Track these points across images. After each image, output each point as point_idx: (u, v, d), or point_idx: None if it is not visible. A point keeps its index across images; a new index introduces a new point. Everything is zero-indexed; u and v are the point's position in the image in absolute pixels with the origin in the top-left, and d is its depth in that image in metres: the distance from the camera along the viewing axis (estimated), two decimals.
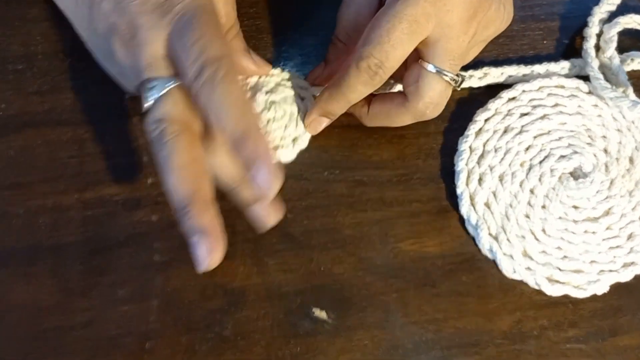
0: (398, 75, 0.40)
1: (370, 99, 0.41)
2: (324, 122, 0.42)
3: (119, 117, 0.42)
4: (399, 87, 0.44)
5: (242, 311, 0.39)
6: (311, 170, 0.42)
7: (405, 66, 0.40)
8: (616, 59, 0.45)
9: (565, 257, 0.41)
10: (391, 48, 0.37)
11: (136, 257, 0.39)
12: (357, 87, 0.39)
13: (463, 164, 0.43)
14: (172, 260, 0.39)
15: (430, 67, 0.39)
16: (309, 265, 0.40)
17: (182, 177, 0.32)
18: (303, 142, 0.43)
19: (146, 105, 0.34)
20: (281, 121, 0.43)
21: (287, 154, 0.42)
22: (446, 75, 0.39)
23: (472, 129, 0.44)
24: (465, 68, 0.44)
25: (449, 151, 0.44)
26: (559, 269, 0.40)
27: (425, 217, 0.42)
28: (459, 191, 0.42)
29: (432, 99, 0.39)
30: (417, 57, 0.39)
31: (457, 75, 0.39)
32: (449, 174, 0.43)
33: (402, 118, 0.41)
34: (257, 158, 0.31)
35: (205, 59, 0.32)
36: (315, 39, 0.46)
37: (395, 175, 0.43)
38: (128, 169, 0.41)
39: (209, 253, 0.32)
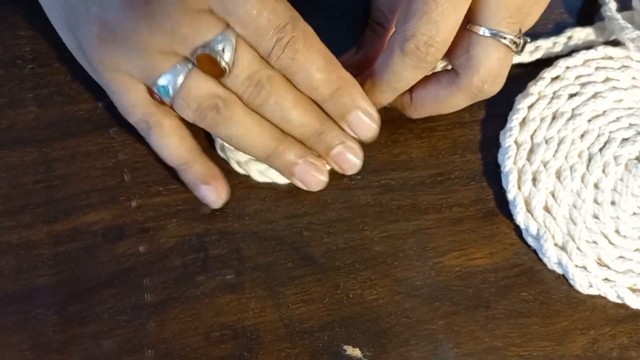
0: None
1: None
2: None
3: (92, 130, 0.36)
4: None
5: (257, 356, 0.33)
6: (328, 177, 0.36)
7: None
8: None
9: None
10: (441, 17, 0.30)
11: (123, 299, 0.33)
12: (403, 75, 0.32)
13: (511, 162, 0.36)
14: (168, 298, 0.33)
15: (482, 31, 0.32)
16: (335, 293, 0.34)
17: (306, 103, 0.33)
18: None
19: (229, 67, 0.31)
20: None
21: None
22: (504, 38, 0.32)
23: (515, 119, 0.38)
24: None
25: (490, 143, 0.38)
26: None
27: (469, 223, 0.36)
28: (510, 196, 0.36)
29: (489, 69, 0.32)
30: (465, 22, 0.32)
31: (517, 36, 0.32)
32: (492, 170, 0.37)
33: (454, 100, 0.34)
34: (350, 109, 0.33)
35: (275, 32, 0.31)
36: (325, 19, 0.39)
37: (428, 175, 0.37)
38: (107, 191, 0.35)
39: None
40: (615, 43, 0.40)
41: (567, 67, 0.39)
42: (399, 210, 0.36)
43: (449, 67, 0.34)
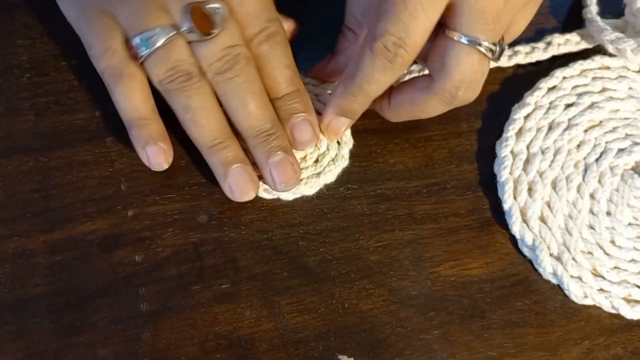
0: (422, 55, 0.33)
1: (390, 88, 0.35)
2: (344, 124, 0.36)
3: (89, 139, 0.36)
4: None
5: None
6: (324, 186, 0.36)
7: (430, 44, 0.33)
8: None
9: None
10: (410, 18, 0.31)
11: (118, 309, 0.33)
12: (374, 76, 0.33)
13: (507, 172, 0.36)
14: (163, 308, 0.33)
15: (458, 37, 0.32)
16: (330, 303, 0.34)
17: (264, 101, 0.34)
18: (331, 173, 0.36)
19: (215, 28, 0.33)
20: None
21: (307, 189, 0.36)
22: (479, 45, 0.32)
23: (511, 129, 0.38)
24: None
25: (486, 153, 0.38)
26: (638, 287, 0.34)
27: (464, 233, 0.36)
28: (506, 206, 0.35)
29: (463, 75, 0.32)
30: (443, 29, 0.33)
31: (493, 44, 0.32)
32: (488, 180, 0.37)
33: (430, 104, 0.34)
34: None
35: (266, 20, 0.34)
36: (313, 24, 0.39)
37: (424, 185, 0.37)
38: (103, 200, 0.35)
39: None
40: (612, 54, 0.40)
41: (564, 77, 0.39)
42: (395, 220, 0.36)
43: (426, 72, 0.34)
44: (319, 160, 0.36)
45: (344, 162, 0.36)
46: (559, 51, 0.40)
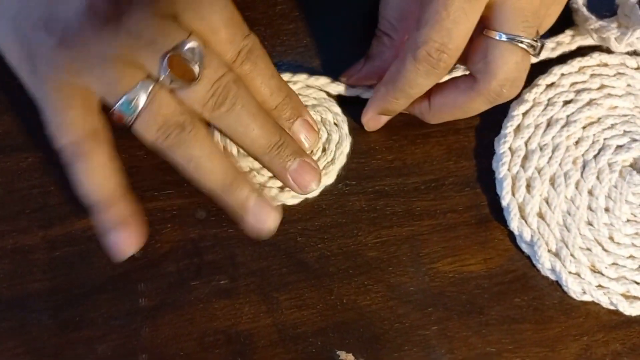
0: (461, 56, 0.33)
1: (429, 91, 0.35)
2: (383, 120, 0.37)
3: None
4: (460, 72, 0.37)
5: None
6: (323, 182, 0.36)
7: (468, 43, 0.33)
8: None
9: None
10: (453, 24, 0.30)
11: (117, 304, 0.33)
12: (417, 81, 0.33)
13: (505, 169, 0.36)
14: (162, 303, 0.33)
15: (499, 36, 0.32)
16: (329, 298, 0.34)
17: (267, 117, 0.33)
18: (330, 175, 0.36)
19: (200, 70, 0.30)
20: None
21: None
22: (521, 42, 0.32)
23: (510, 126, 0.37)
24: None
25: (485, 150, 0.38)
26: (636, 283, 0.34)
27: (463, 229, 0.36)
28: (504, 203, 0.35)
29: (507, 74, 0.32)
30: (481, 28, 0.32)
31: (534, 40, 0.32)
32: (487, 177, 0.37)
33: (474, 105, 0.34)
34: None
35: (241, 39, 0.32)
36: (341, 28, 0.39)
37: (423, 182, 0.37)
38: None
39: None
40: (610, 51, 0.40)
41: (562, 74, 0.39)
42: (393, 216, 0.36)
43: (467, 72, 0.34)
44: (326, 149, 0.36)
45: (348, 140, 0.37)
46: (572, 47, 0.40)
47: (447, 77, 0.36)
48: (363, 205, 0.36)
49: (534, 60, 0.36)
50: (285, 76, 0.37)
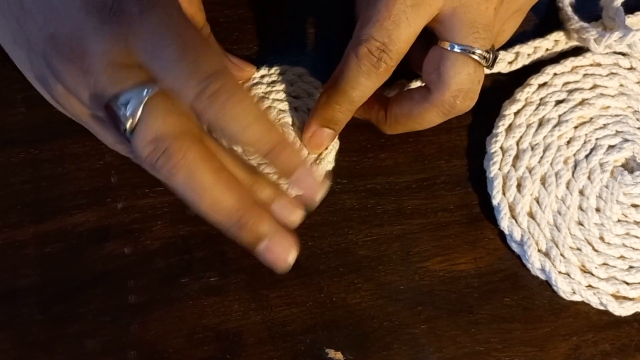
0: (416, 65, 0.33)
1: (386, 101, 0.35)
2: (327, 135, 0.34)
3: (80, 132, 0.35)
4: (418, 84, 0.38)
5: (240, 359, 0.33)
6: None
7: (425, 53, 0.33)
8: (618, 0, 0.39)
9: (631, 267, 0.34)
10: (393, 26, 0.31)
11: (107, 300, 0.33)
12: (359, 81, 0.32)
13: (496, 168, 0.36)
14: (151, 300, 0.33)
15: (451, 46, 0.32)
16: (318, 296, 0.34)
17: (219, 194, 0.27)
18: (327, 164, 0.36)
19: (128, 125, 0.27)
20: None
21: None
22: (473, 53, 0.32)
23: (501, 125, 0.37)
24: None
25: (476, 149, 0.38)
26: (626, 283, 0.34)
27: (453, 228, 0.36)
28: (495, 202, 0.36)
29: (460, 85, 0.32)
30: (435, 40, 0.33)
31: (486, 51, 0.32)
32: (478, 176, 0.37)
33: (428, 117, 0.34)
34: (295, 167, 0.28)
35: (202, 77, 0.26)
36: (313, 24, 0.39)
37: (414, 180, 0.37)
38: (93, 193, 0.35)
39: (289, 248, 0.28)
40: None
41: (555, 74, 0.39)
42: (384, 215, 0.36)
43: (423, 84, 0.34)
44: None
45: (329, 165, 0.36)
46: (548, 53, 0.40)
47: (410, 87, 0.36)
48: (354, 204, 0.36)
49: (488, 71, 0.36)
50: (282, 68, 0.37)
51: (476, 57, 0.32)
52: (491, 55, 0.33)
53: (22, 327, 0.32)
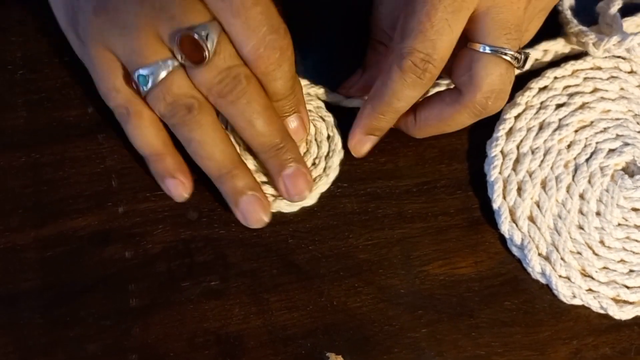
0: (445, 68, 0.33)
1: (414, 104, 0.34)
2: (370, 142, 0.36)
3: (81, 135, 0.36)
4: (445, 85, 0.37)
5: None
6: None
7: (452, 55, 0.33)
8: (615, 7, 0.39)
9: (631, 271, 0.34)
10: (436, 35, 0.31)
11: (108, 304, 0.33)
12: (404, 93, 0.32)
13: (496, 172, 0.36)
14: (152, 304, 0.33)
15: (483, 48, 0.32)
16: (319, 300, 0.34)
17: (270, 116, 0.33)
18: (324, 184, 0.36)
19: (211, 52, 0.31)
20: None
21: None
22: (505, 54, 0.32)
23: (502, 129, 0.37)
24: None
25: (477, 152, 0.38)
26: (626, 287, 0.34)
27: (454, 232, 0.36)
28: (495, 206, 0.35)
29: (492, 85, 0.32)
30: (465, 40, 0.33)
31: (518, 52, 0.32)
32: (479, 180, 0.37)
33: (459, 118, 0.34)
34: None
35: (269, 31, 0.31)
36: (332, 32, 0.39)
37: (414, 184, 0.37)
38: (94, 197, 0.35)
39: (299, 177, 0.34)
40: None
41: (555, 78, 0.39)
42: (385, 219, 0.36)
43: (452, 86, 0.34)
44: (316, 163, 0.36)
45: (341, 153, 0.36)
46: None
47: (433, 91, 0.36)
48: (355, 208, 0.36)
49: (518, 72, 0.36)
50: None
51: (508, 58, 0.32)
52: (522, 56, 0.32)
53: (23, 331, 0.32)
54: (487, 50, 0.32)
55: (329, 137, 0.37)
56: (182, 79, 0.32)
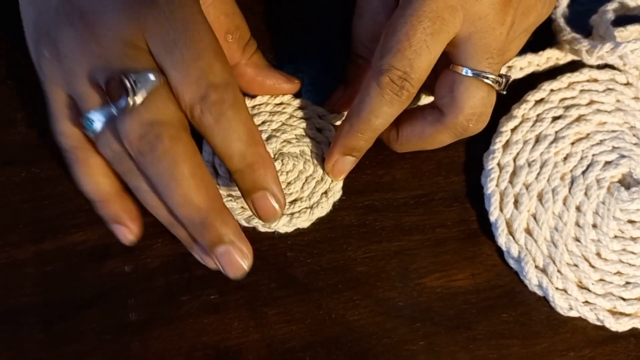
0: (427, 86, 0.34)
1: (398, 120, 0.34)
2: (349, 163, 0.35)
3: None
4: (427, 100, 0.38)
5: None
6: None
7: (435, 74, 0.33)
8: (607, 16, 0.39)
9: (627, 283, 0.34)
10: (414, 54, 0.31)
11: (108, 319, 0.33)
12: (382, 110, 0.32)
13: (493, 185, 0.36)
14: (151, 318, 0.34)
15: (465, 71, 0.32)
16: (317, 313, 0.34)
17: (194, 189, 0.29)
18: (323, 206, 0.36)
19: (131, 101, 0.29)
20: (290, 176, 0.36)
21: (300, 222, 0.35)
22: (487, 78, 0.32)
23: (498, 142, 0.38)
24: None
25: (474, 165, 0.38)
26: (623, 299, 0.34)
27: (451, 244, 0.36)
28: (492, 218, 0.36)
29: (473, 108, 0.32)
30: (447, 61, 0.33)
31: (499, 75, 0.33)
32: (476, 192, 0.38)
33: (439, 138, 0.34)
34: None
35: (207, 86, 0.29)
36: (325, 48, 0.40)
37: (412, 197, 0.37)
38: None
39: (246, 256, 0.31)
40: (600, 67, 0.40)
41: (552, 90, 0.39)
42: (382, 231, 0.36)
43: (433, 106, 0.34)
44: (313, 193, 0.36)
45: (337, 195, 0.36)
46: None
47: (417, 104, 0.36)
48: (352, 220, 0.36)
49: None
50: (286, 98, 0.37)
51: (489, 82, 0.32)
52: (503, 80, 0.33)
53: (23, 346, 0.33)
54: (469, 73, 0.32)
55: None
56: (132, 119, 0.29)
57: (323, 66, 0.39)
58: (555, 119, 0.38)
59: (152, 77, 0.29)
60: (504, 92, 0.34)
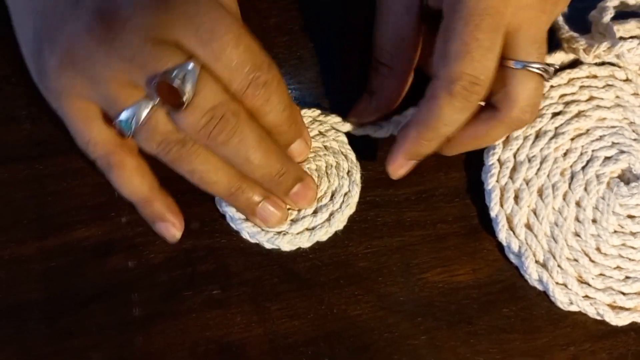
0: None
1: None
2: (409, 166, 0.35)
3: None
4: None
5: None
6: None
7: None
8: (607, 12, 0.39)
9: (627, 277, 0.35)
10: (482, 56, 0.30)
11: (111, 314, 0.34)
12: (453, 118, 0.32)
13: (493, 180, 0.36)
14: (155, 314, 0.34)
15: (516, 64, 0.32)
16: (319, 308, 0.35)
17: (267, 146, 0.32)
18: (340, 220, 0.36)
19: (188, 96, 0.29)
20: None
21: (303, 240, 0.35)
22: (537, 68, 0.32)
23: None
24: None
25: (475, 161, 0.38)
26: (622, 293, 0.34)
27: (452, 240, 0.36)
28: (492, 214, 0.36)
29: (528, 100, 0.32)
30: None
31: (547, 64, 0.32)
32: (476, 188, 0.38)
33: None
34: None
35: (253, 69, 0.30)
36: (330, 57, 0.40)
37: (413, 192, 0.37)
38: (97, 207, 0.35)
39: (306, 191, 0.34)
40: (600, 63, 0.40)
41: (552, 86, 0.40)
42: (384, 227, 0.36)
43: (482, 103, 0.34)
44: (335, 194, 0.36)
45: (358, 187, 0.36)
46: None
47: None
48: (354, 216, 0.36)
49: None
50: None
51: (539, 72, 0.32)
52: (551, 68, 0.33)
53: (27, 342, 0.33)
54: (520, 66, 0.32)
55: (349, 172, 0.37)
56: (165, 117, 0.30)
57: (334, 72, 0.40)
58: (555, 115, 0.39)
59: (191, 66, 0.29)
60: (551, 81, 0.33)
